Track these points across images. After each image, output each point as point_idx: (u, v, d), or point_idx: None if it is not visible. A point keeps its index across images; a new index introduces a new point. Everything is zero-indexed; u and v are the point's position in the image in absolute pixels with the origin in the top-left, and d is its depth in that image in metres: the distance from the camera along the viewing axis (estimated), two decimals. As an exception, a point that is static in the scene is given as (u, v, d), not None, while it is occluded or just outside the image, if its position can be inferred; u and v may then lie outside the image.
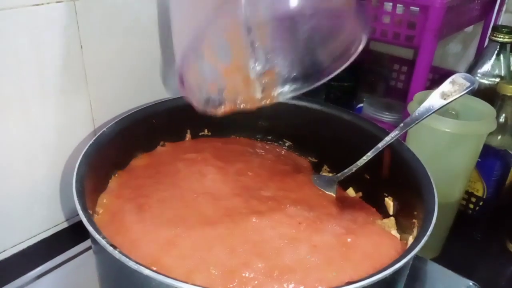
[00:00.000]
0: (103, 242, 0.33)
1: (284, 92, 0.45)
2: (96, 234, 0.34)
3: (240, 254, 0.39)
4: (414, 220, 0.42)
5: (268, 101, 0.44)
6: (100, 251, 0.37)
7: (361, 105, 0.88)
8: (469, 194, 0.70)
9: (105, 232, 0.35)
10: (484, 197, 0.69)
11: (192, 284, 0.30)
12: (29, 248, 0.57)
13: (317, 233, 0.42)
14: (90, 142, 0.44)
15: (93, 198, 0.44)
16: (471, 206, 0.70)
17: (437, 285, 0.53)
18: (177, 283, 0.30)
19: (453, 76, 0.47)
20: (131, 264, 0.32)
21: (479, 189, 0.69)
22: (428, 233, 0.35)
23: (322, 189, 0.49)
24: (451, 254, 0.63)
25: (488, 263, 0.65)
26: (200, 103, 0.42)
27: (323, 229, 0.42)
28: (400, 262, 0.33)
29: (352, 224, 0.44)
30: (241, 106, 0.43)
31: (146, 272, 0.31)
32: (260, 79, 0.42)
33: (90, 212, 0.39)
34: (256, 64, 0.41)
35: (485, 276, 0.55)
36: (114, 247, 0.33)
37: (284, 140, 0.60)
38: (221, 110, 0.43)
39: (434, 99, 0.46)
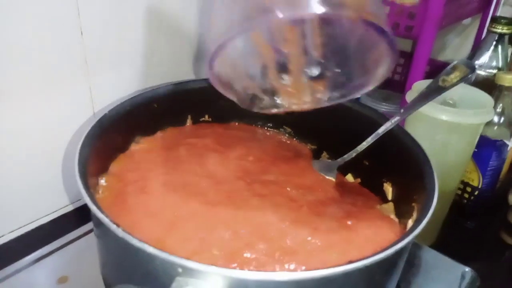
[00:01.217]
0: (106, 220, 0.33)
1: (332, 97, 0.45)
2: (100, 213, 0.34)
3: (242, 236, 0.40)
4: (413, 204, 0.42)
5: (315, 105, 0.44)
6: (102, 231, 0.38)
7: (358, 96, 0.89)
8: (464, 184, 0.70)
9: (107, 213, 0.35)
10: (480, 187, 0.70)
11: (195, 261, 0.31)
12: (31, 232, 0.57)
13: (318, 216, 0.42)
14: (92, 124, 0.44)
15: (94, 180, 0.44)
16: (466, 196, 0.71)
17: (433, 271, 0.54)
18: (181, 261, 0.30)
19: (454, 62, 0.47)
20: (135, 242, 0.32)
21: (475, 179, 0.70)
22: (430, 213, 0.35)
23: (322, 174, 0.49)
24: (446, 243, 0.64)
25: (482, 252, 0.66)
26: (245, 101, 0.42)
27: (324, 212, 0.43)
28: (402, 242, 0.33)
29: (352, 207, 0.44)
30: (290, 107, 0.43)
31: (150, 249, 0.31)
32: (311, 84, 0.42)
33: (93, 192, 0.39)
34: (310, 69, 0.41)
35: (479, 264, 0.56)
36: (117, 225, 0.33)
37: (284, 127, 0.60)
38: (269, 111, 0.43)
39: (435, 85, 0.46)
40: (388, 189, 0.49)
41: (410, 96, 0.59)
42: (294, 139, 0.60)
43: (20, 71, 0.49)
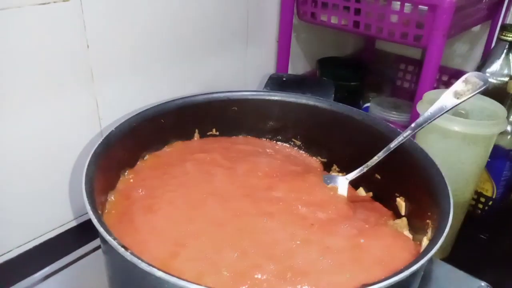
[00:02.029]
0: (114, 243, 0.33)
1: None
2: (107, 235, 0.33)
3: (251, 256, 0.39)
4: (428, 221, 0.41)
5: None
6: (110, 251, 0.37)
7: (367, 104, 0.88)
8: (478, 194, 0.69)
9: (114, 233, 0.34)
10: (494, 197, 0.68)
11: (205, 286, 0.30)
12: (36, 248, 0.57)
13: (330, 234, 0.41)
14: (99, 142, 0.44)
15: (102, 197, 0.43)
16: (480, 206, 0.70)
17: (448, 286, 0.52)
18: (190, 285, 0.30)
19: (466, 75, 0.46)
20: (143, 265, 0.31)
21: (488, 189, 0.69)
22: (445, 234, 0.34)
23: (333, 190, 0.48)
24: (460, 255, 0.63)
25: (497, 264, 0.64)
26: None
27: (336, 231, 0.42)
28: (417, 265, 0.32)
29: (365, 224, 0.43)
30: None
31: (159, 274, 0.30)
32: None
33: (100, 212, 0.39)
34: None
35: (495, 277, 0.55)
36: (126, 248, 0.32)
37: (293, 140, 0.60)
38: None
39: (447, 98, 0.45)
40: (401, 204, 0.48)
41: (421, 106, 0.59)
42: (303, 152, 0.59)
43: (26, 83, 0.49)
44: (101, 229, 0.34)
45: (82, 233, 0.60)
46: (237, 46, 0.76)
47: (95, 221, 0.35)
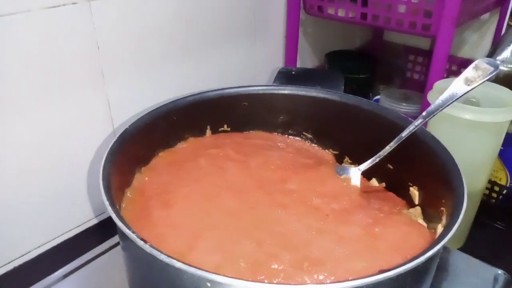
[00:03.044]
0: (133, 236, 0.33)
1: None
2: (126, 229, 0.34)
3: (268, 247, 0.39)
4: (442, 208, 0.41)
5: None
6: (129, 246, 0.38)
7: (378, 97, 0.88)
8: (492, 183, 0.69)
9: (132, 227, 0.35)
10: (508, 185, 0.68)
11: (224, 275, 0.30)
12: (55, 247, 0.58)
13: (345, 224, 0.41)
14: (115, 139, 0.44)
15: (118, 194, 0.44)
16: (494, 195, 0.69)
17: (464, 274, 0.52)
18: (209, 275, 0.30)
19: (476, 62, 0.46)
20: (163, 257, 0.32)
21: (502, 178, 0.68)
22: (460, 219, 0.34)
23: (346, 181, 0.49)
24: (475, 244, 0.63)
25: (512, 253, 0.64)
26: None
27: (350, 220, 0.42)
28: (433, 249, 0.32)
29: (379, 214, 0.44)
30: None
31: (178, 264, 0.31)
32: None
33: (117, 207, 0.39)
34: None
35: (510, 265, 0.54)
36: (145, 241, 0.33)
37: (304, 133, 0.60)
38: None
39: (458, 85, 0.45)
40: (415, 193, 0.48)
41: (431, 96, 0.58)
42: (315, 145, 0.59)
43: (38, 86, 0.50)
44: (119, 223, 0.35)
45: (101, 231, 0.61)
46: (245, 41, 0.77)
47: (113, 216, 0.36)
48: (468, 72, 0.45)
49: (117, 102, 0.59)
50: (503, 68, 0.72)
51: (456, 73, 0.91)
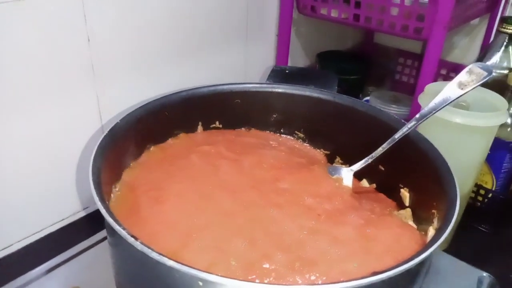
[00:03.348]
0: (123, 233, 0.33)
1: None
2: (116, 225, 0.33)
3: (260, 246, 0.39)
4: (433, 211, 0.41)
5: None
6: (118, 243, 0.37)
7: (367, 98, 0.88)
8: (478, 186, 0.70)
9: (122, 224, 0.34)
10: (493, 189, 0.69)
11: (216, 274, 0.30)
12: (41, 241, 0.56)
13: (338, 225, 0.41)
14: (105, 134, 0.44)
15: (107, 188, 0.43)
16: (480, 198, 0.70)
17: (450, 276, 0.53)
18: (201, 274, 0.30)
19: (470, 66, 0.46)
20: (154, 255, 0.31)
21: (488, 182, 0.69)
22: (452, 222, 0.35)
23: (338, 181, 0.49)
24: (460, 247, 0.63)
25: (497, 256, 0.65)
26: None
27: (343, 221, 0.42)
28: (427, 252, 0.32)
29: (371, 215, 0.44)
30: None
31: (170, 263, 0.30)
32: None
33: (107, 203, 0.38)
34: None
35: (495, 268, 0.55)
36: (136, 238, 0.32)
37: (296, 132, 0.60)
38: None
39: (451, 89, 0.46)
40: (406, 195, 0.48)
41: (422, 98, 0.59)
42: (307, 144, 0.59)
43: (25, 78, 0.49)
44: (110, 220, 0.34)
45: (87, 226, 0.60)
46: (237, 41, 0.76)
47: (103, 211, 0.35)
48: (462, 76, 0.46)
49: (107, 98, 0.58)
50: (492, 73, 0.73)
51: (446, 77, 0.92)
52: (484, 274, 0.53)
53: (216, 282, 0.30)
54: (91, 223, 0.60)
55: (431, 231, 0.40)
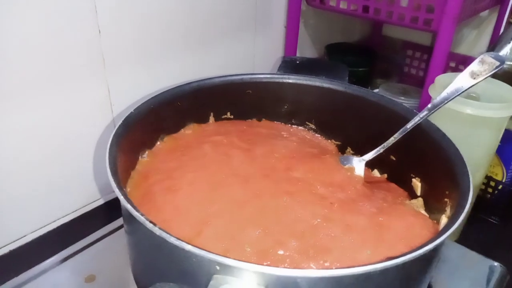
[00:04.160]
0: (142, 219, 0.33)
1: None
2: (135, 211, 0.34)
3: (273, 234, 0.39)
4: (446, 200, 0.41)
5: None
6: (136, 229, 0.37)
7: (376, 90, 0.88)
8: (488, 178, 0.70)
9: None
10: (503, 181, 0.69)
11: (233, 259, 0.30)
12: (56, 230, 0.57)
13: (350, 213, 0.42)
14: (119, 123, 0.44)
15: (123, 178, 0.44)
16: (490, 190, 0.71)
17: (460, 266, 0.53)
18: (219, 258, 0.30)
19: (481, 56, 0.46)
20: (173, 240, 0.31)
21: (498, 173, 0.69)
22: (466, 210, 0.35)
23: (350, 170, 0.49)
24: (470, 238, 0.64)
25: (507, 247, 0.65)
26: None
27: (356, 209, 0.42)
28: (441, 238, 0.33)
29: (383, 203, 0.44)
30: None
31: (188, 247, 0.31)
32: None
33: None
34: None
35: (505, 259, 0.55)
36: (154, 224, 0.33)
37: (307, 123, 0.60)
38: None
39: (463, 78, 0.46)
40: (417, 184, 0.49)
41: (433, 90, 0.59)
42: (318, 135, 0.59)
43: (36, 69, 0.49)
44: (128, 206, 0.34)
45: (104, 216, 0.61)
46: (246, 32, 0.76)
47: (121, 198, 0.35)
48: (474, 66, 0.46)
49: (118, 90, 0.58)
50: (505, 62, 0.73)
51: (455, 69, 0.92)
52: (495, 263, 0.53)
53: (234, 266, 0.30)
54: (105, 214, 0.61)
55: (444, 219, 0.41)
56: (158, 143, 0.52)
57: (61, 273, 0.51)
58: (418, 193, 0.48)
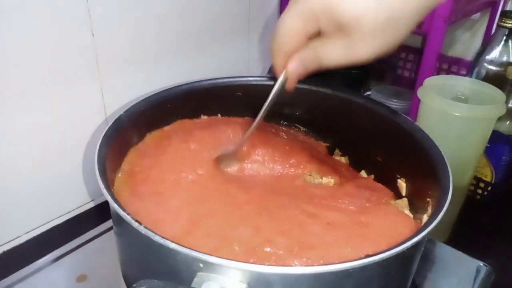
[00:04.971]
0: (128, 218, 0.34)
1: None
2: (121, 210, 0.35)
3: (263, 232, 0.40)
4: (428, 199, 0.42)
5: None
6: (123, 229, 0.38)
7: (368, 92, 0.89)
8: (477, 179, 0.70)
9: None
10: (493, 182, 0.70)
11: (217, 256, 0.31)
12: (49, 231, 0.58)
13: (334, 211, 0.42)
14: (109, 125, 0.45)
15: (112, 178, 0.44)
16: (479, 191, 0.71)
17: (448, 266, 0.54)
18: (202, 256, 0.31)
19: None
20: (157, 238, 0.32)
21: (488, 174, 0.70)
22: (445, 207, 0.36)
23: None
24: (460, 239, 0.64)
25: (496, 247, 0.66)
26: None
27: (339, 208, 0.43)
28: (419, 236, 0.33)
29: (367, 203, 0.45)
30: None
31: (172, 245, 0.32)
32: None
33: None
34: None
35: (493, 259, 0.56)
36: (140, 222, 0.34)
37: (297, 125, 0.60)
38: None
39: None
40: (402, 185, 0.49)
41: (421, 92, 0.60)
42: (308, 136, 0.60)
43: (30, 72, 0.50)
44: (115, 205, 0.35)
45: (95, 216, 0.61)
46: (240, 35, 0.77)
47: (109, 198, 0.36)
48: None
49: (111, 92, 0.59)
50: (492, 67, 0.74)
51: (447, 72, 0.93)
52: (481, 264, 0.54)
53: (216, 263, 0.31)
54: (97, 215, 0.62)
55: (425, 219, 0.41)
56: (143, 140, 0.52)
57: (53, 272, 0.52)
58: (403, 193, 0.49)
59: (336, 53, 0.38)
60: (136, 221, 0.34)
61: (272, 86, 0.45)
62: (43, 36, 0.49)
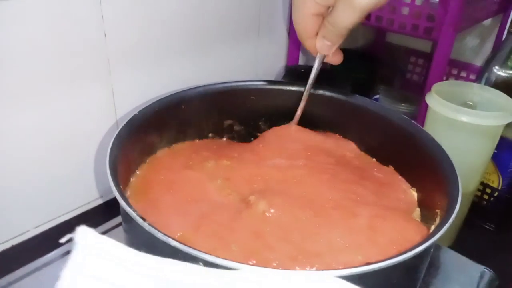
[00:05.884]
0: (133, 214, 0.34)
1: None
2: (127, 207, 0.35)
3: (265, 235, 0.40)
4: (437, 210, 0.42)
5: None
6: (130, 225, 0.39)
7: (376, 96, 0.89)
8: (484, 185, 0.70)
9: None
10: (499, 188, 0.70)
11: (215, 256, 0.31)
12: (58, 226, 0.59)
13: (343, 216, 0.43)
14: (123, 124, 0.45)
15: (123, 179, 0.45)
16: (486, 197, 0.71)
17: (451, 271, 0.54)
18: (203, 255, 0.31)
19: None
20: (160, 235, 0.33)
21: (494, 181, 0.70)
22: (452, 218, 0.35)
23: None
24: (465, 244, 0.64)
25: (501, 253, 0.65)
26: None
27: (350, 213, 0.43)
28: (421, 247, 0.33)
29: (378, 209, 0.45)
30: None
31: (173, 243, 0.32)
32: None
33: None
34: None
35: (498, 265, 0.56)
36: (144, 219, 0.34)
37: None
38: None
39: None
40: (414, 195, 0.50)
41: (429, 97, 0.60)
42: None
43: (43, 72, 0.50)
44: (122, 202, 0.36)
45: (105, 212, 0.62)
46: (249, 38, 0.77)
47: (117, 194, 0.37)
48: None
49: (122, 92, 0.59)
50: (501, 73, 0.74)
51: (457, 77, 0.93)
52: (485, 269, 0.54)
53: (215, 262, 0.31)
54: (105, 211, 0.62)
55: (433, 229, 0.41)
56: (161, 149, 0.53)
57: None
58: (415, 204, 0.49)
59: (344, 15, 0.43)
60: (141, 217, 0.34)
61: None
62: (56, 36, 0.50)
